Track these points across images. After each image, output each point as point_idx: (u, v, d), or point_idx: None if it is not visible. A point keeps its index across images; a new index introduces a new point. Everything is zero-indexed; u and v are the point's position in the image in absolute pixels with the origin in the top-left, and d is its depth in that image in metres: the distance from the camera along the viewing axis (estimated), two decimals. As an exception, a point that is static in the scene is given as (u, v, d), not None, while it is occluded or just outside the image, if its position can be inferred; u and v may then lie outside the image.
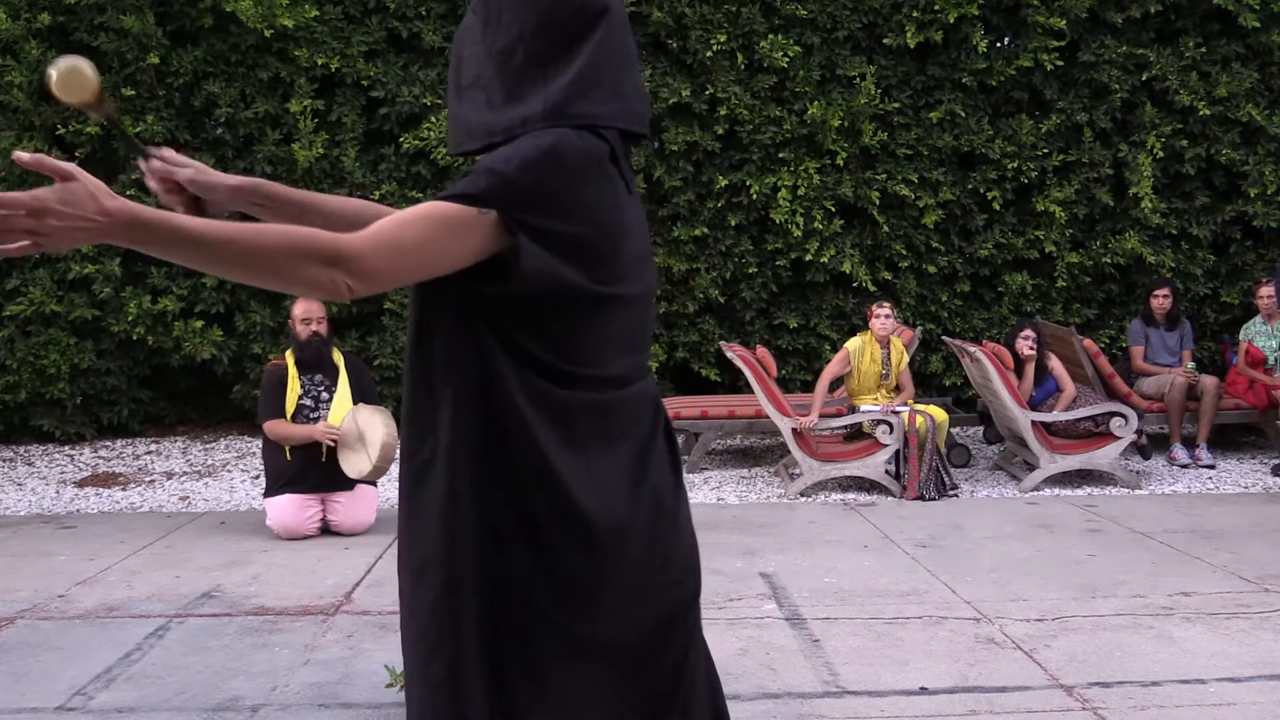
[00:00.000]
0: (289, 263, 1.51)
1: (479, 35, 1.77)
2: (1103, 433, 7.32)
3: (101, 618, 4.80)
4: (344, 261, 1.53)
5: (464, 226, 1.60)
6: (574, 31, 1.72)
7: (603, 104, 1.73)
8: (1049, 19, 8.91)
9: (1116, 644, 4.35)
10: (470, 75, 1.78)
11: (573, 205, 1.66)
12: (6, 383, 8.59)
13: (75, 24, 8.43)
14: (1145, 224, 9.20)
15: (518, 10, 1.73)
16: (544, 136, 1.66)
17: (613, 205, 1.72)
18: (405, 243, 1.57)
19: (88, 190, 1.40)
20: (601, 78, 1.73)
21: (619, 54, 1.76)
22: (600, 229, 1.70)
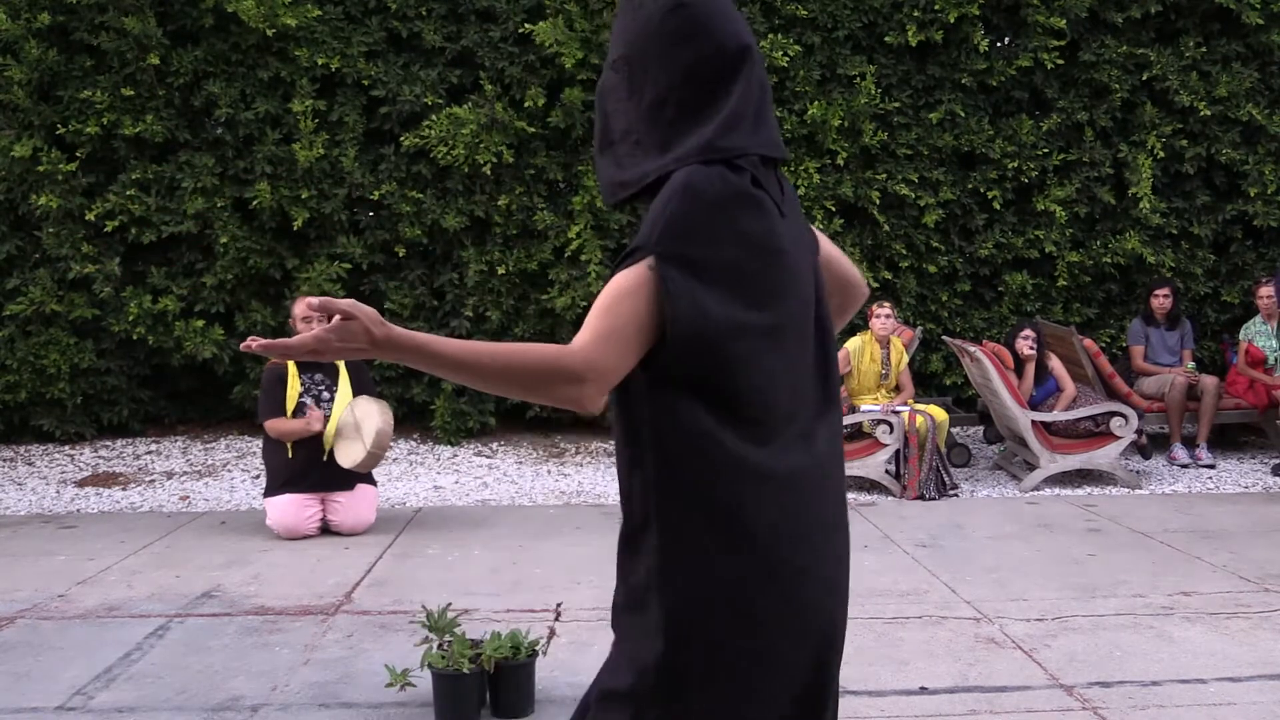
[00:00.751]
0: (541, 384, 1.64)
1: (624, 92, 1.83)
2: (1103, 432, 7.32)
3: (102, 617, 4.81)
4: (586, 374, 1.64)
5: (638, 285, 1.68)
6: (721, 74, 1.79)
7: (748, 135, 1.79)
8: (1049, 19, 8.91)
9: (1116, 644, 4.35)
10: (621, 131, 1.84)
11: (716, 232, 1.71)
12: (7, 382, 8.59)
13: (75, 24, 8.43)
14: (1145, 224, 9.20)
15: (663, 64, 1.79)
16: (676, 177, 1.73)
17: (765, 230, 1.76)
18: (610, 328, 1.67)
19: (363, 326, 1.59)
20: (748, 112, 1.79)
21: (760, 90, 1.82)
22: (750, 252, 1.74)
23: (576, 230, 8.58)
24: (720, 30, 1.79)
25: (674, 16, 1.79)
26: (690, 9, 1.79)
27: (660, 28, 1.79)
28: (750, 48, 1.81)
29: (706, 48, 1.78)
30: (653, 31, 1.80)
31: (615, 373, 1.66)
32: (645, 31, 1.81)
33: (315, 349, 1.58)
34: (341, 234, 8.74)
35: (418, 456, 8.44)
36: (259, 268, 8.64)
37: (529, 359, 1.63)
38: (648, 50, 1.80)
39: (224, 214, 8.53)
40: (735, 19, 1.83)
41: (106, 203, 8.43)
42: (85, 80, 8.45)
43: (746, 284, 1.73)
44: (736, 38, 1.81)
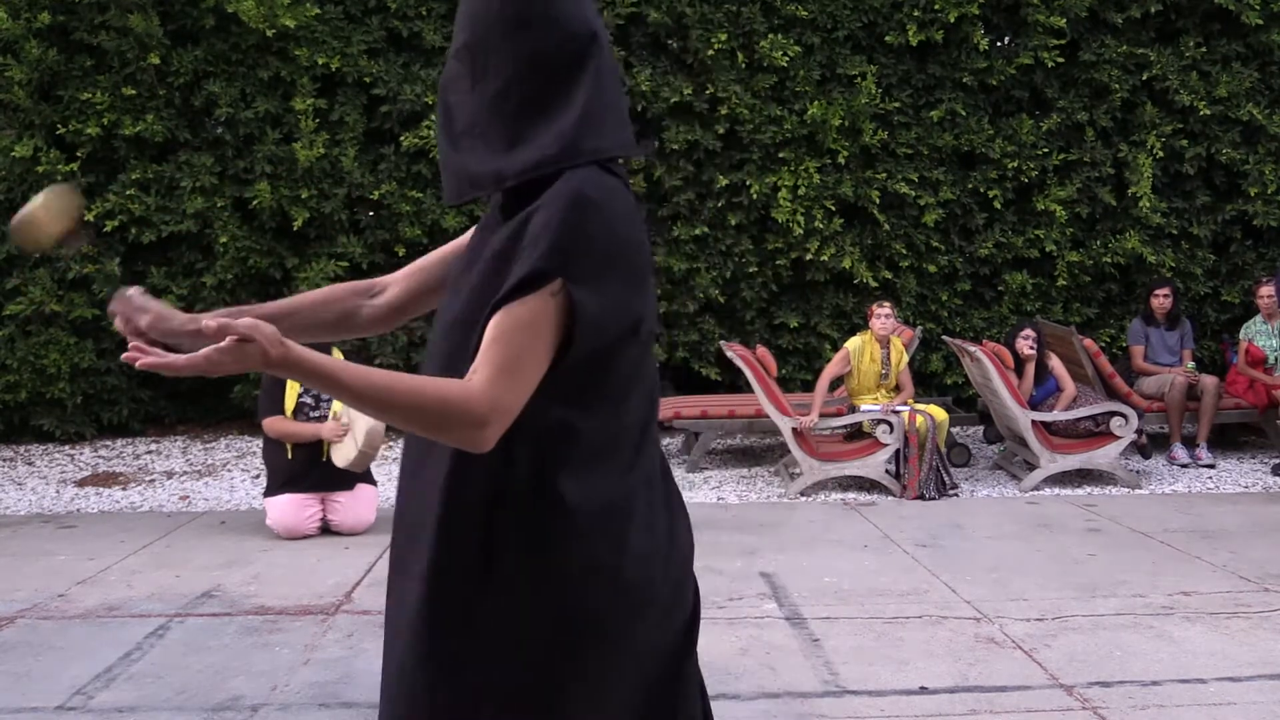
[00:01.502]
0: (441, 425, 1.55)
1: (467, 83, 1.73)
2: (1103, 432, 7.32)
3: (102, 617, 4.81)
4: (490, 416, 1.56)
5: (541, 314, 1.59)
6: (566, 64, 1.69)
7: (611, 135, 1.71)
8: (1049, 18, 8.91)
9: (1116, 643, 4.35)
10: (464, 123, 1.74)
11: (614, 246, 1.64)
12: (7, 382, 8.59)
13: (76, 23, 8.43)
14: (1145, 223, 9.20)
15: (505, 54, 1.69)
16: (567, 184, 1.64)
17: (644, 237, 1.71)
18: (513, 364, 1.58)
19: (260, 348, 1.50)
20: (605, 107, 1.71)
21: (612, 79, 1.73)
22: (641, 259, 1.69)
23: (576, 230, 8.56)
24: (564, 15, 1.69)
25: (515, 1, 1.68)
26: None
27: (500, 13, 1.68)
28: (597, 34, 1.71)
29: (551, 34, 1.67)
30: (493, 17, 1.69)
31: (516, 409, 1.59)
32: (485, 17, 1.70)
33: (206, 369, 1.50)
34: (341, 234, 8.74)
35: (418, 456, 8.42)
36: (259, 267, 8.65)
37: (431, 397, 1.54)
38: (488, 38, 1.69)
39: (224, 214, 8.54)
40: (581, 3, 1.72)
41: (106, 202, 8.44)
42: (85, 80, 8.45)
43: (637, 295, 1.68)
44: (584, 23, 1.70)
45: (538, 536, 1.66)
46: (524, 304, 1.59)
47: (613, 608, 1.70)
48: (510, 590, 1.67)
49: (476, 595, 1.67)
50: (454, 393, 1.55)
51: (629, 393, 1.73)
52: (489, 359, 1.58)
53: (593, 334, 1.62)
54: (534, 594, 1.67)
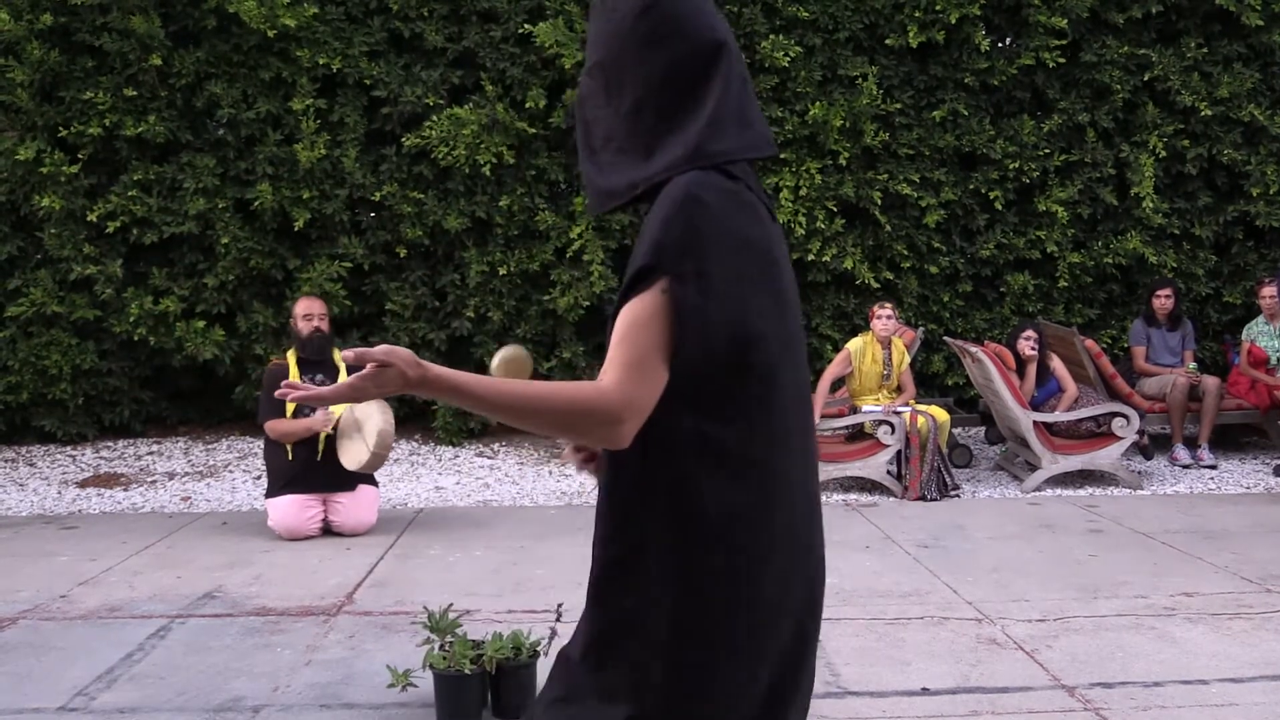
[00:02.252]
0: (577, 425, 1.61)
1: (603, 99, 1.79)
2: (1104, 433, 7.32)
3: (103, 618, 4.81)
4: (623, 412, 1.60)
5: (655, 311, 1.64)
6: (697, 75, 1.74)
7: (736, 138, 1.74)
8: (1050, 19, 8.91)
9: (1118, 644, 4.35)
10: (601, 138, 1.80)
11: (722, 243, 1.67)
12: (8, 383, 8.59)
13: (77, 25, 8.43)
14: (1147, 224, 9.19)
15: (638, 69, 1.75)
16: (674, 188, 1.68)
17: (761, 235, 1.73)
18: (636, 360, 1.63)
19: (398, 371, 1.57)
20: (730, 112, 1.75)
21: (739, 84, 1.78)
22: (757, 260, 1.71)
23: (578, 231, 8.58)
24: (693, 29, 1.75)
25: (645, 19, 1.74)
26: (660, 9, 1.74)
27: (632, 31, 1.75)
28: (725, 43, 1.77)
29: (680, 49, 1.74)
30: (625, 35, 1.76)
31: (650, 405, 1.63)
32: (618, 35, 1.77)
33: (351, 397, 1.58)
34: (343, 234, 8.74)
35: (419, 457, 8.44)
36: (260, 268, 8.65)
37: (564, 400, 1.60)
38: (622, 55, 1.76)
39: (225, 215, 8.54)
40: (708, 13, 1.78)
41: (108, 204, 8.44)
42: (87, 81, 8.45)
43: (756, 294, 1.70)
44: (711, 33, 1.76)
45: (677, 540, 1.70)
46: (639, 301, 1.64)
47: (734, 616, 1.71)
48: (651, 586, 1.71)
49: (629, 585, 1.73)
50: (587, 393, 1.61)
51: (769, 403, 1.72)
52: (615, 358, 1.64)
53: (698, 332, 1.64)
54: (670, 593, 1.70)
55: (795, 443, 1.77)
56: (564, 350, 8.77)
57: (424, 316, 8.88)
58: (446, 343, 8.87)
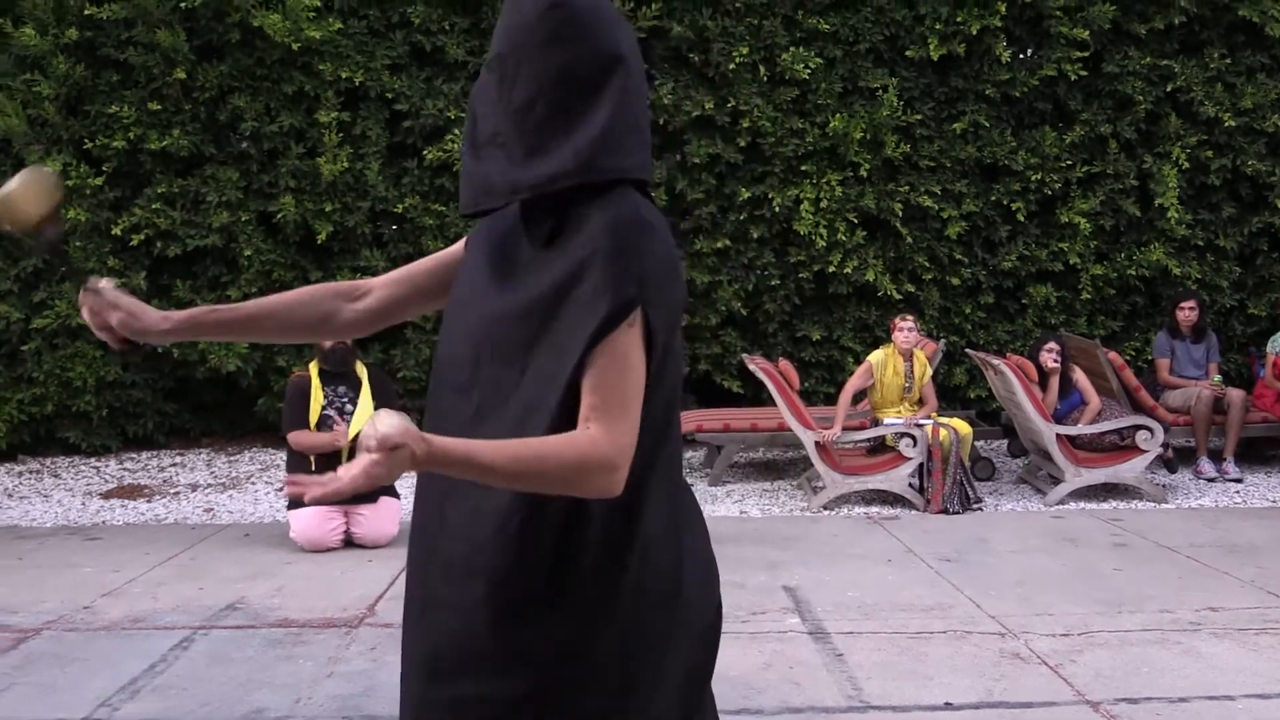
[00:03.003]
0: (576, 480, 1.59)
1: (495, 92, 1.77)
2: (1128, 446, 7.28)
3: (127, 629, 4.83)
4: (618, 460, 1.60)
5: (633, 344, 1.64)
6: (593, 81, 1.73)
7: (630, 155, 1.74)
8: (1072, 30, 8.89)
9: (1143, 659, 4.32)
10: (487, 132, 1.78)
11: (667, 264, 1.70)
12: (34, 395, 8.65)
13: (103, 39, 8.50)
14: (1171, 235, 9.15)
15: (535, 64, 1.73)
16: (622, 210, 1.68)
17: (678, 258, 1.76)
18: (620, 401, 1.62)
19: (409, 451, 1.53)
20: (627, 128, 1.74)
21: (637, 101, 1.76)
22: (681, 284, 1.75)
23: (599, 243, 8.58)
24: (596, 35, 1.73)
25: (551, 16, 1.73)
26: (567, 9, 1.73)
27: (536, 26, 1.73)
28: (623, 58, 1.75)
29: (580, 50, 1.72)
30: (528, 30, 1.74)
31: (634, 445, 1.63)
32: (521, 30, 1.75)
33: (365, 485, 1.55)
34: (365, 247, 8.78)
35: (440, 469, 8.44)
36: (283, 280, 8.69)
37: (561, 460, 1.58)
38: (522, 49, 1.74)
39: (248, 227, 8.59)
40: (615, 25, 1.77)
41: (133, 216, 8.50)
42: (112, 95, 8.52)
43: (680, 309, 1.75)
44: (614, 45, 1.74)
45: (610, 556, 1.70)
46: (612, 342, 1.62)
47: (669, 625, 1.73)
48: (577, 608, 1.69)
49: (542, 610, 1.70)
50: (579, 446, 1.59)
51: (671, 404, 1.75)
52: (600, 404, 1.61)
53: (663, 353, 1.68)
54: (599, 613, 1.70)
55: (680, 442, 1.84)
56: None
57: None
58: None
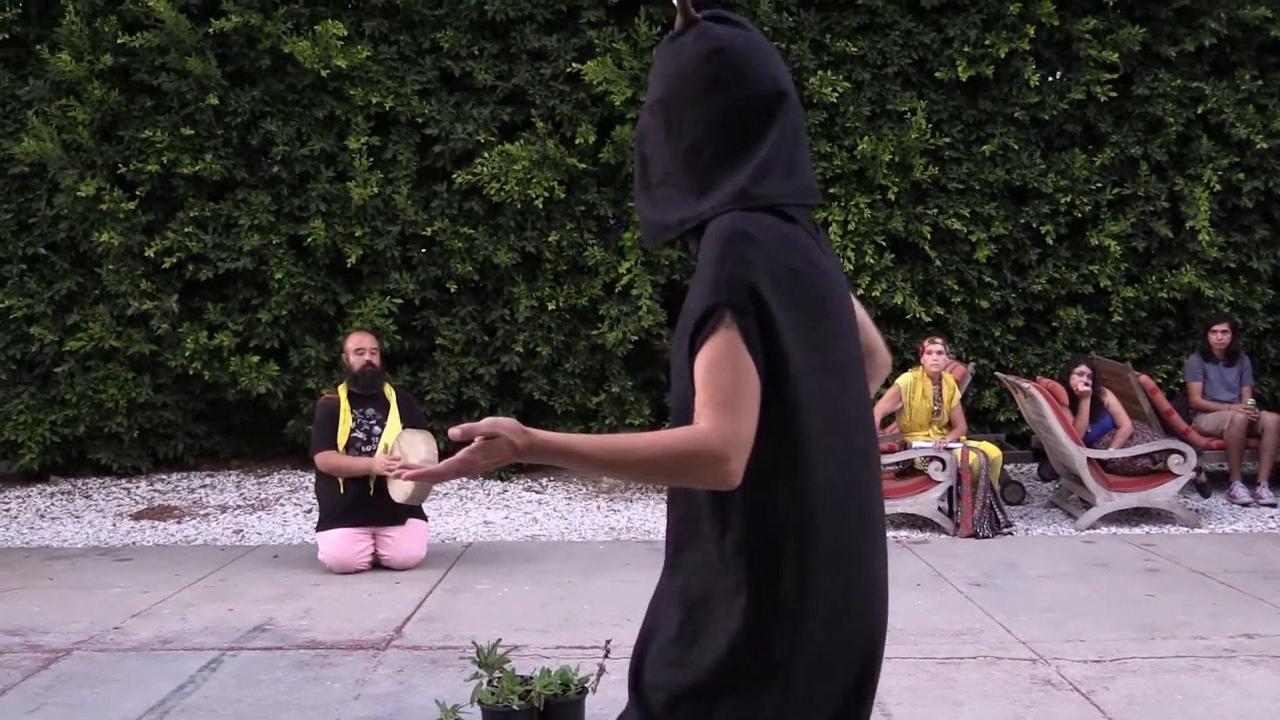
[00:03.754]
0: (687, 470, 1.64)
1: (662, 136, 1.84)
2: (1161, 470, 7.21)
3: (156, 650, 4.85)
4: (728, 450, 1.64)
5: (729, 347, 1.68)
6: (755, 120, 1.80)
7: (780, 182, 1.79)
8: (1101, 52, 8.85)
9: (1177, 686, 4.26)
10: (659, 174, 1.86)
11: (773, 275, 1.72)
12: (66, 416, 8.73)
13: (137, 65, 8.61)
14: (1203, 258, 9.08)
15: (699, 110, 1.80)
16: (721, 224, 1.74)
17: (813, 269, 1.79)
18: (727, 398, 1.66)
19: (505, 440, 1.64)
20: (779, 159, 1.80)
21: (794, 134, 1.83)
22: (804, 292, 1.76)
23: (627, 266, 8.61)
24: (756, 75, 1.80)
25: (710, 62, 1.80)
26: (726, 54, 1.79)
27: (697, 72, 1.80)
28: (786, 93, 1.82)
29: (741, 93, 1.79)
30: (689, 76, 1.81)
31: (750, 439, 1.66)
32: (682, 76, 1.82)
33: (463, 470, 1.64)
34: (394, 270, 8.83)
35: (468, 492, 8.47)
36: (313, 304, 8.75)
37: (667, 448, 1.63)
38: (684, 95, 1.81)
39: (279, 251, 8.65)
40: (772, 63, 1.83)
41: (165, 240, 8.58)
42: (146, 120, 8.62)
43: (808, 324, 1.74)
44: (773, 82, 1.82)
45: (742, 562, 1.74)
46: (712, 342, 1.68)
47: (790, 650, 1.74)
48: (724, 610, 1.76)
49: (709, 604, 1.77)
50: (687, 437, 1.64)
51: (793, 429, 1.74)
52: (704, 400, 1.67)
53: (769, 359, 1.69)
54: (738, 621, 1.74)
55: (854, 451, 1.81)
56: (613, 384, 8.78)
57: (474, 351, 8.94)
58: (496, 377, 8.91)
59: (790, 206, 1.80)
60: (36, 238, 8.74)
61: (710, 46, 1.80)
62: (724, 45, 1.80)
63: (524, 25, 8.75)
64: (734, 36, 1.82)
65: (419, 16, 8.80)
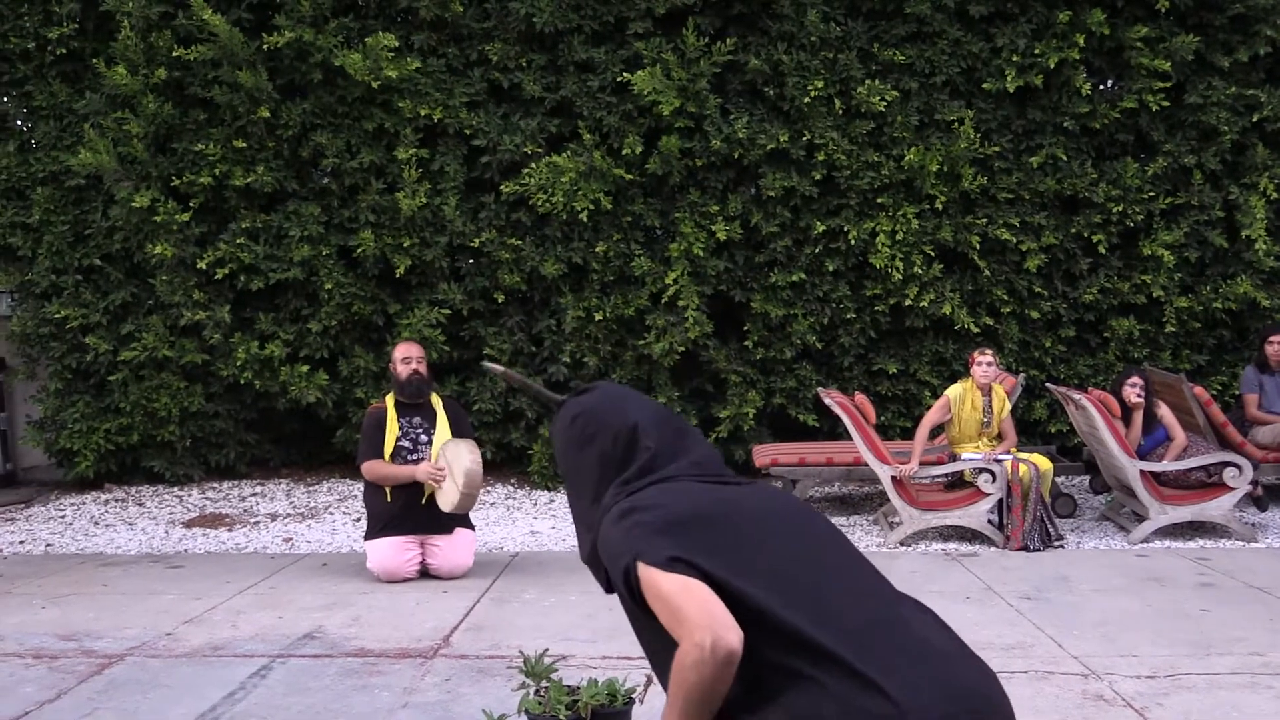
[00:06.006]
0: (698, 677, 1.90)
1: (573, 495, 2.31)
2: (1215, 483, 7.09)
3: (207, 656, 4.90)
4: (699, 643, 1.89)
5: (653, 578, 2.00)
6: (623, 454, 2.22)
7: (662, 470, 2.20)
8: (1153, 61, 8.74)
9: (1234, 704, 4.19)
10: (583, 524, 2.28)
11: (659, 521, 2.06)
12: (120, 425, 8.86)
13: (190, 79, 8.74)
14: (1258, 267, 8.94)
15: (583, 465, 2.26)
16: (606, 518, 2.15)
17: (708, 496, 2.13)
18: (676, 607, 1.95)
19: None
20: (654, 466, 2.20)
21: (670, 434, 2.26)
22: (676, 513, 2.08)
23: (673, 276, 8.61)
24: (610, 422, 2.21)
25: (574, 427, 2.24)
26: (583, 416, 2.24)
27: (567, 442, 2.26)
28: (637, 424, 2.21)
29: (604, 441, 2.20)
30: (565, 447, 2.27)
31: (715, 610, 1.91)
32: (562, 451, 2.28)
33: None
34: (442, 280, 8.89)
35: (515, 501, 8.49)
36: (362, 314, 8.82)
37: (680, 687, 1.91)
38: (569, 459, 2.25)
39: (329, 261, 8.74)
40: (623, 401, 2.25)
41: (217, 251, 8.69)
42: (199, 133, 8.75)
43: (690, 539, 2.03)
44: (624, 420, 2.21)
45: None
46: (644, 591, 2.01)
47: None
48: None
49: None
50: (678, 668, 1.92)
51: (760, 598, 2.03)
52: (672, 627, 1.97)
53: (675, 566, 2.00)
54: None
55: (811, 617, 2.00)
56: (659, 395, 8.78)
57: (521, 361, 8.97)
58: (543, 387, 8.92)
59: (676, 475, 2.17)
60: (92, 249, 8.88)
61: (571, 414, 2.25)
62: (580, 409, 2.24)
63: (571, 37, 8.78)
64: (587, 399, 2.25)
65: (467, 29, 8.86)
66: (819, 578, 2.02)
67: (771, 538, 2.07)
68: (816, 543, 2.10)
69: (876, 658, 1.89)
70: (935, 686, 1.89)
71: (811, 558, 2.06)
